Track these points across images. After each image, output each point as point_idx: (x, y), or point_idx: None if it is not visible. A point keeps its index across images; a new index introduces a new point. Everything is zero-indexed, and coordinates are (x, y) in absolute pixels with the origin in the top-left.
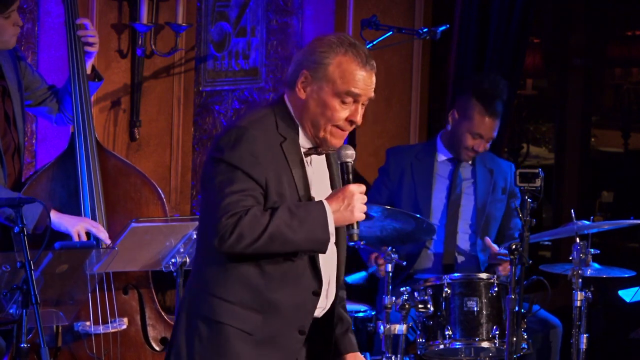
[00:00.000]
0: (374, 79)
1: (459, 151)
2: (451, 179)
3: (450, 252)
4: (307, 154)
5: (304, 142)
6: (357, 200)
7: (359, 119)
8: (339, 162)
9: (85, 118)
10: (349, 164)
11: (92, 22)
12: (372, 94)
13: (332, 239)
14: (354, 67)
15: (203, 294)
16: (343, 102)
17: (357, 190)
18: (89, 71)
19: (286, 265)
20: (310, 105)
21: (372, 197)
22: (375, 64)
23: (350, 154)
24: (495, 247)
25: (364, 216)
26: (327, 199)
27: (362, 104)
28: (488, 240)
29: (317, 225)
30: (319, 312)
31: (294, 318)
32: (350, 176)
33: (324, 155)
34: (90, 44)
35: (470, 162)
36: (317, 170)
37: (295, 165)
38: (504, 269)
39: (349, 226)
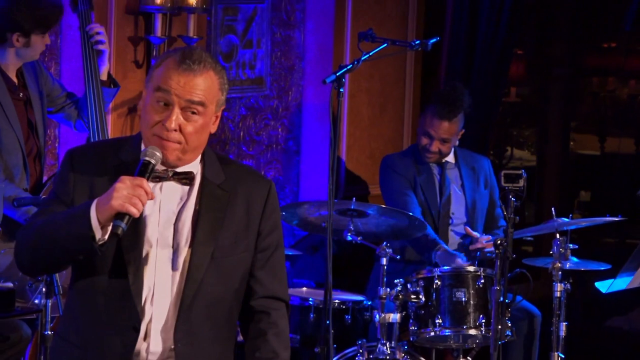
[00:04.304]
0: (192, 81)
1: (420, 153)
2: (440, 181)
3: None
4: (154, 179)
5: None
6: (118, 189)
7: (170, 124)
8: (140, 159)
9: (99, 122)
10: (149, 163)
11: (110, 35)
12: (189, 97)
13: (98, 235)
14: (170, 66)
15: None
16: (157, 104)
17: (128, 181)
18: (104, 77)
19: (100, 297)
20: (142, 116)
21: (398, 193)
22: (199, 69)
23: (154, 154)
24: (475, 234)
25: (129, 208)
26: None
27: (185, 111)
28: (468, 229)
29: (77, 220)
30: (148, 358)
31: (111, 355)
32: (145, 175)
33: (190, 187)
34: (101, 42)
35: (454, 163)
36: (168, 199)
37: None
38: (480, 244)
39: (115, 218)
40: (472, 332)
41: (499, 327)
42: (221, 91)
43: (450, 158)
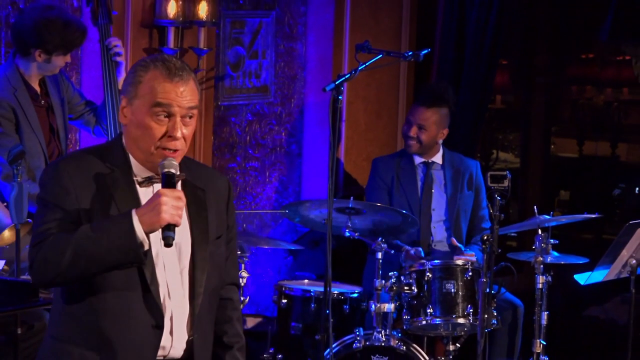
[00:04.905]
0: (187, 89)
1: (404, 143)
2: (424, 180)
3: (425, 241)
4: (143, 183)
5: (140, 172)
6: (165, 203)
7: (177, 133)
8: (161, 173)
9: (118, 128)
10: (170, 173)
11: (127, 47)
12: (188, 105)
13: (146, 246)
14: (161, 79)
15: (46, 338)
16: (157, 118)
17: (169, 194)
18: (121, 86)
19: (116, 298)
20: (131, 129)
21: (374, 196)
22: (186, 76)
23: (172, 164)
24: (460, 246)
25: (177, 219)
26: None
27: (184, 118)
28: (454, 240)
29: (122, 233)
30: (173, 352)
31: (135, 355)
32: (173, 186)
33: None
34: (119, 54)
35: (440, 164)
36: None
37: (123, 196)
38: (464, 258)
39: (164, 230)
40: (461, 320)
41: (486, 316)
42: (199, 89)
43: (438, 159)
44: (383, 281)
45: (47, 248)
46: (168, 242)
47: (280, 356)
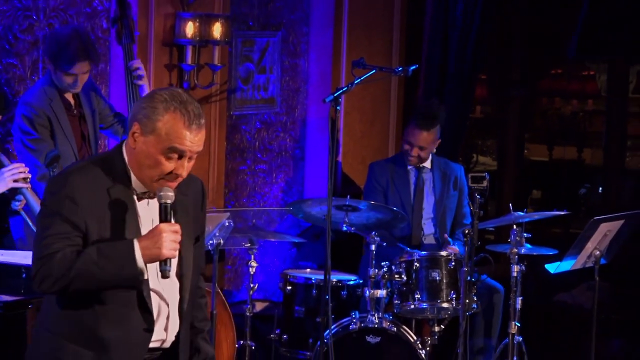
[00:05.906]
0: (200, 136)
1: (404, 157)
2: (416, 183)
3: (416, 236)
4: (141, 197)
5: (138, 187)
6: (166, 239)
7: (183, 173)
8: (159, 203)
9: None
10: (167, 205)
11: (150, 63)
12: (198, 149)
13: (145, 275)
14: (180, 126)
15: (41, 331)
16: (168, 158)
17: (168, 229)
18: None
19: (114, 304)
20: (139, 155)
21: (372, 197)
22: (203, 123)
23: (168, 195)
24: (450, 241)
25: (174, 254)
26: (140, 237)
27: (190, 158)
28: (446, 236)
29: (124, 262)
30: (166, 345)
31: (127, 356)
32: (169, 217)
33: None
34: (140, 77)
35: (430, 168)
36: (156, 214)
37: (124, 208)
38: (451, 249)
39: (162, 263)
40: (445, 305)
41: (467, 301)
42: None
43: (427, 164)
44: (376, 270)
45: (54, 265)
46: (165, 275)
47: (285, 336)
